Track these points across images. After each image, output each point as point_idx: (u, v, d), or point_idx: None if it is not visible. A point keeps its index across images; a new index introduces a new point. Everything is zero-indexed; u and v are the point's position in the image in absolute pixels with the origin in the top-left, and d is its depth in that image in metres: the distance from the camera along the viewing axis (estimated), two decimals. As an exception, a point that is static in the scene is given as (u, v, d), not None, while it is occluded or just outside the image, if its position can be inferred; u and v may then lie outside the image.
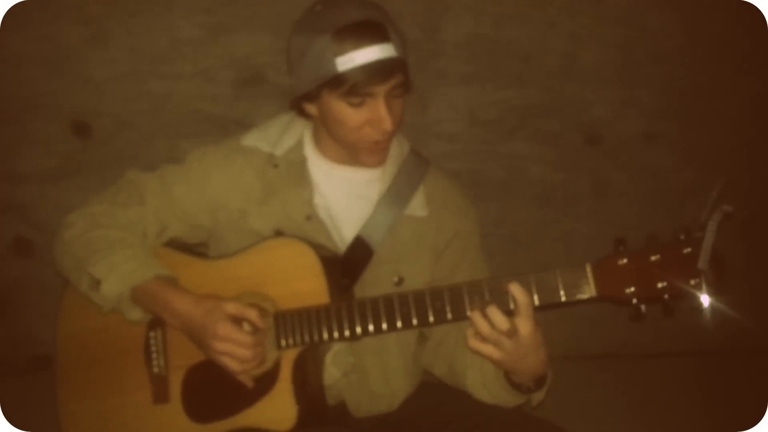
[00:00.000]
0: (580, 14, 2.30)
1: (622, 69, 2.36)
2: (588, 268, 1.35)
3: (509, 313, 1.35)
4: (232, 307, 1.45)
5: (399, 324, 1.44)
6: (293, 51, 1.52)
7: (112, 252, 1.53)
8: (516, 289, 1.33)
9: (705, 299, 1.30)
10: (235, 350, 1.42)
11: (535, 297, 1.36)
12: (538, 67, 2.33)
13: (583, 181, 2.43)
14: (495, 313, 1.33)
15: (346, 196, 1.64)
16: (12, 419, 1.63)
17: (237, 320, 1.46)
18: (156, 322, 1.55)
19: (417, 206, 1.64)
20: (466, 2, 2.28)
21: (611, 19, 2.32)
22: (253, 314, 1.45)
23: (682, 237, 1.33)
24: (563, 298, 1.36)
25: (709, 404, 2.34)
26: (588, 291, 1.35)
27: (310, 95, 1.52)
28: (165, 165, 1.69)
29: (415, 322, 1.43)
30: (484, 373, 1.51)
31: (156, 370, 1.55)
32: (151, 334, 1.56)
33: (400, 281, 1.60)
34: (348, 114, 1.49)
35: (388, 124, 1.47)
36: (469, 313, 1.37)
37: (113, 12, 2.21)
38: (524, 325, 1.33)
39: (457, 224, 1.67)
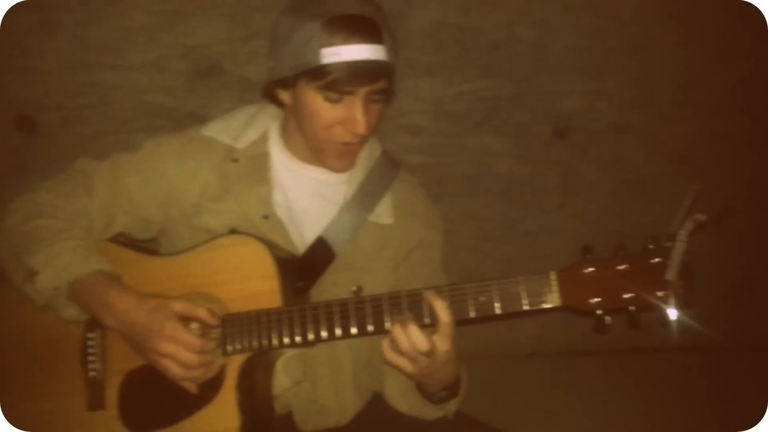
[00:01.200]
0: (550, 1, 2.22)
1: (592, 59, 2.29)
2: (553, 276, 1.31)
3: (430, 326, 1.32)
4: (179, 306, 1.37)
5: (354, 330, 1.39)
6: (278, 31, 1.44)
7: (52, 243, 1.45)
8: (440, 308, 1.30)
9: (672, 312, 1.26)
10: (180, 353, 1.35)
11: (497, 305, 1.33)
12: (506, 57, 2.25)
13: (550, 174, 2.37)
14: (415, 333, 1.28)
15: (309, 196, 1.57)
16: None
17: (185, 321, 1.39)
18: (95, 323, 1.47)
19: (383, 213, 1.58)
20: (433, -12, 2.20)
21: (582, 7, 2.25)
22: (202, 312, 1.38)
23: (651, 246, 1.29)
24: (526, 307, 1.32)
25: (682, 400, 2.32)
26: (552, 300, 1.32)
27: (287, 81, 1.45)
28: (117, 153, 1.62)
29: (371, 328, 1.38)
30: (401, 381, 1.47)
31: (92, 374, 1.47)
32: (89, 335, 1.49)
33: (359, 291, 1.53)
34: (322, 109, 1.42)
35: (361, 126, 1.41)
36: (388, 325, 1.33)
37: (60, -1, 2.09)
38: (442, 343, 1.30)
39: (422, 234, 1.62)
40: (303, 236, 1.55)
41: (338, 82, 1.36)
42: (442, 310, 1.30)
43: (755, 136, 2.39)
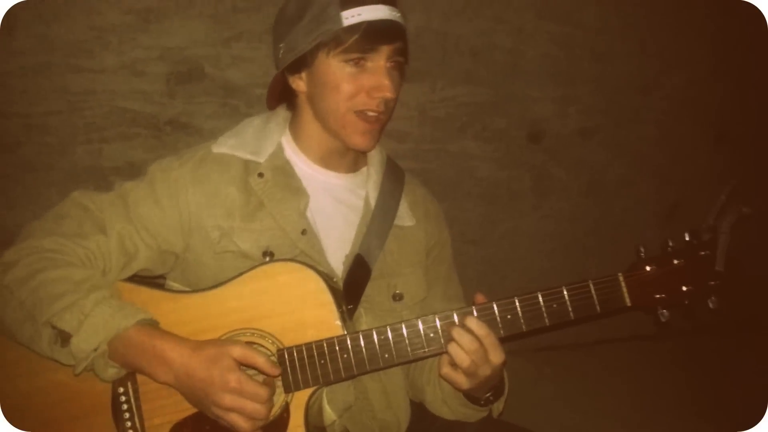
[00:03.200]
0: (525, 9, 2.28)
1: (561, 66, 2.38)
2: (621, 278, 1.35)
3: None
4: (237, 352, 1.26)
5: (429, 351, 1.35)
6: (289, 12, 1.44)
7: (79, 297, 1.27)
8: (472, 323, 1.31)
9: (713, 301, 1.34)
10: (247, 406, 1.25)
11: (571, 311, 1.34)
12: (485, 63, 2.29)
13: (526, 178, 2.44)
14: (473, 322, 1.30)
15: (329, 202, 1.53)
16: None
17: (242, 368, 1.29)
18: (126, 376, 1.33)
19: (404, 216, 1.59)
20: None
21: (552, 15, 2.33)
22: (261, 359, 1.28)
23: (694, 241, 1.36)
24: (598, 309, 1.35)
25: (684, 398, 2.38)
26: (622, 301, 1.36)
27: (305, 60, 1.43)
28: (121, 182, 1.48)
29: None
30: (443, 388, 1.48)
31: None
32: (120, 389, 1.34)
33: (400, 297, 1.53)
34: (346, 77, 1.41)
35: (388, 89, 1.41)
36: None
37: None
38: (495, 356, 1.32)
39: (438, 233, 1.65)
40: (328, 246, 1.49)
41: (363, 40, 1.38)
42: (475, 325, 1.31)
43: (702, 137, 2.60)
